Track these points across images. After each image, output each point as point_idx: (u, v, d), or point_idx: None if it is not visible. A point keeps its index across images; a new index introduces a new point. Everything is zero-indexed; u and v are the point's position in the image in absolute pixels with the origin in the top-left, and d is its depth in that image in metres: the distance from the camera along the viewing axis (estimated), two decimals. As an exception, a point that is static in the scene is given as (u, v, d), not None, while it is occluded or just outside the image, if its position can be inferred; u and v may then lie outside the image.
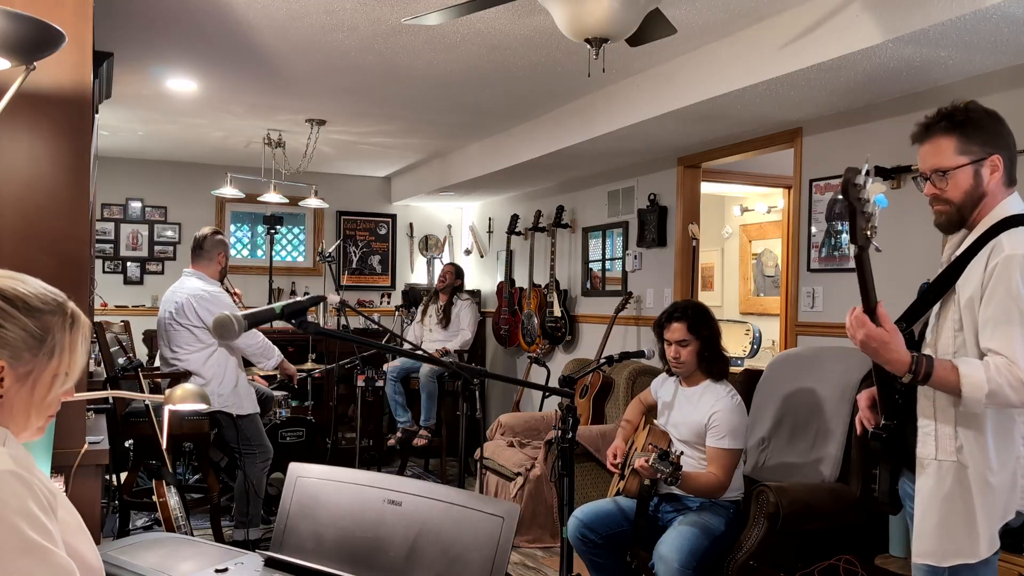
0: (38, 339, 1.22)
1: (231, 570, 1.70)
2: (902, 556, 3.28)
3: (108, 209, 6.93)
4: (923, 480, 1.95)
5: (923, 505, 1.94)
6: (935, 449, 1.92)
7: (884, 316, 1.88)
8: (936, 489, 1.91)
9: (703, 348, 3.16)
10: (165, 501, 3.27)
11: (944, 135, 1.93)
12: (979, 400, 1.81)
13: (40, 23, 1.69)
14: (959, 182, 1.92)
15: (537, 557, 4.45)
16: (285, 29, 3.59)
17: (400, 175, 7.58)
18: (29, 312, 1.21)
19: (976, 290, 1.86)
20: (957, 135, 1.92)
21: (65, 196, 2.28)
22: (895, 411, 2.04)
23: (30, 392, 1.23)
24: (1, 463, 1.11)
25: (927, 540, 1.92)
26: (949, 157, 1.92)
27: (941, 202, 1.97)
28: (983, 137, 1.91)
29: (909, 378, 1.86)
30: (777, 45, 3.32)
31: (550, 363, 6.07)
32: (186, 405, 2.74)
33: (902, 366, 1.87)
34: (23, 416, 1.24)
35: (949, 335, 1.93)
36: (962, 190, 1.92)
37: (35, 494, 1.12)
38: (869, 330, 1.88)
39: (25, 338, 1.20)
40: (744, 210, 7.27)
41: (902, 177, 3.69)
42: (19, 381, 1.21)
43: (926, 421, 1.95)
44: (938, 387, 1.88)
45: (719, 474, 3.02)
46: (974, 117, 1.93)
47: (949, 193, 1.94)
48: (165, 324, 4.24)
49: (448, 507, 1.64)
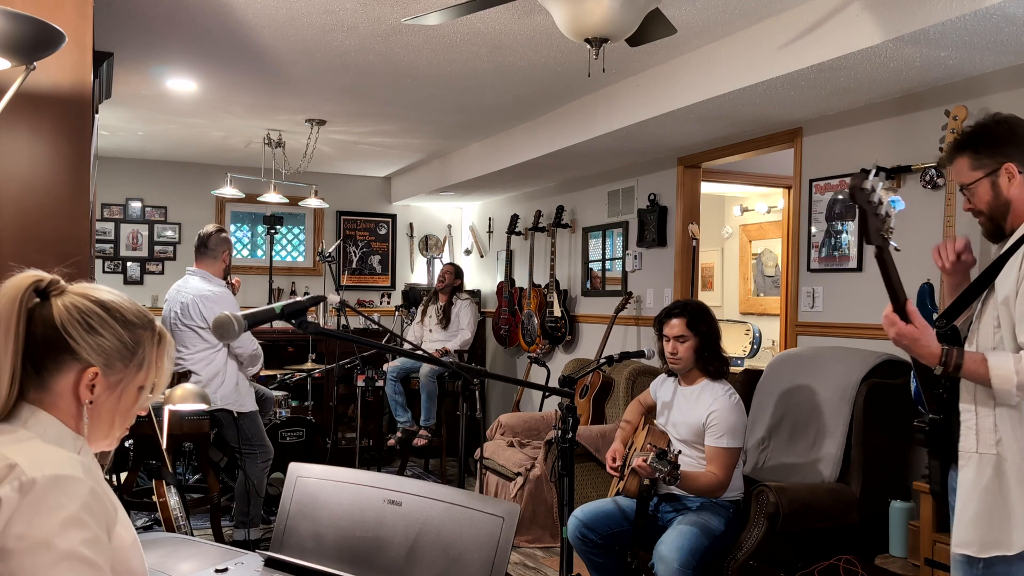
0: (131, 350, 1.27)
1: (231, 570, 1.70)
2: (902, 556, 3.28)
3: (108, 209, 6.93)
4: (964, 472, 2.01)
5: (963, 496, 2.00)
6: (976, 442, 1.99)
7: (914, 312, 1.97)
8: (976, 481, 1.97)
9: (701, 345, 3.17)
10: (165, 501, 3.27)
11: (959, 155, 2.07)
12: (1010, 392, 1.89)
13: (40, 23, 1.69)
14: (980, 195, 2.04)
15: (537, 557, 4.45)
16: (285, 29, 3.59)
17: (400, 175, 7.59)
18: (125, 324, 1.26)
19: (1012, 288, 1.94)
20: (968, 152, 2.04)
21: (65, 196, 2.28)
22: (940, 405, 2.11)
23: (117, 401, 1.27)
24: (70, 468, 1.14)
25: (966, 530, 1.98)
26: (966, 174, 2.06)
27: (977, 214, 2.09)
28: (992, 149, 2.01)
29: (940, 369, 1.95)
30: (777, 45, 3.32)
31: (550, 363, 6.07)
32: (186, 405, 2.75)
33: (933, 358, 1.95)
34: (108, 424, 1.28)
35: (988, 332, 2.01)
36: (985, 201, 2.04)
37: (93, 506, 1.14)
38: (900, 328, 1.97)
39: (120, 348, 1.25)
40: (744, 210, 7.27)
41: (902, 177, 3.69)
42: (109, 389, 1.26)
43: (968, 415, 2.02)
44: (968, 378, 1.97)
45: (719, 473, 3.02)
46: (980, 132, 2.05)
47: (977, 206, 2.07)
48: (170, 324, 4.24)
49: (448, 507, 1.64)
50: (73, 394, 1.23)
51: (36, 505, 1.09)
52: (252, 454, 4.29)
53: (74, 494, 1.12)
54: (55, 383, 1.22)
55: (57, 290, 1.24)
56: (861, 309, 3.88)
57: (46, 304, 1.22)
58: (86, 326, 1.23)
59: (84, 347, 1.22)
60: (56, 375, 1.22)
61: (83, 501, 1.12)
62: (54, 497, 1.10)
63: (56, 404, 1.22)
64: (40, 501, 1.09)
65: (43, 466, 1.12)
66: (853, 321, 3.92)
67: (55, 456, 1.16)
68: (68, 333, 1.21)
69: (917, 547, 3.15)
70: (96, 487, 1.16)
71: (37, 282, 1.22)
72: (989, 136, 2.03)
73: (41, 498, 1.10)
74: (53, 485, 1.11)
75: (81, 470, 1.16)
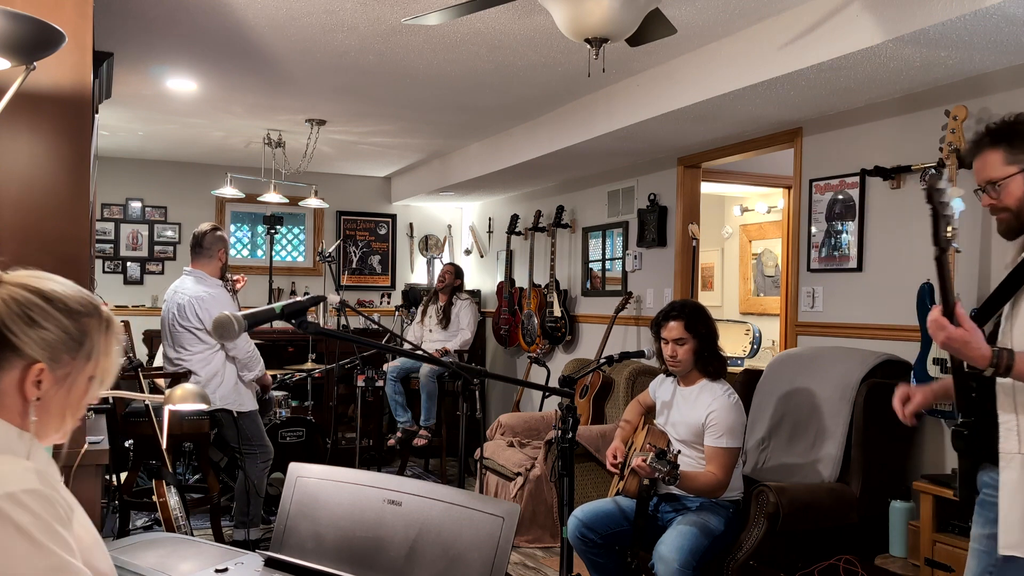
0: (77, 341, 1.21)
1: (231, 570, 1.70)
2: (902, 556, 3.28)
3: (108, 209, 6.93)
4: (1008, 474, 1.99)
5: (1008, 498, 1.99)
6: (1019, 443, 1.97)
7: (962, 315, 1.95)
8: (1020, 482, 1.96)
9: (700, 347, 3.17)
10: (165, 501, 3.27)
11: (991, 149, 2.03)
12: None
13: (40, 23, 1.69)
14: (1012, 191, 2.01)
15: (537, 557, 4.45)
16: (285, 29, 3.59)
17: (400, 175, 7.59)
18: (69, 314, 1.20)
19: None
20: (1004, 147, 2.01)
21: (65, 196, 2.28)
22: (972, 407, 2.09)
23: (67, 394, 1.22)
24: (27, 482, 1.09)
25: (1013, 532, 1.96)
26: (998, 168, 2.02)
27: (999, 211, 2.06)
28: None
29: (992, 371, 1.93)
30: (777, 45, 3.32)
31: (550, 363, 6.07)
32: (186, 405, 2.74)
33: (984, 360, 1.93)
34: (58, 418, 1.23)
35: (1021, 332, 2.00)
36: (1016, 197, 2.01)
37: (57, 512, 1.10)
38: (949, 332, 1.94)
39: (65, 340, 1.19)
40: (744, 210, 7.27)
41: (902, 177, 3.69)
42: (57, 383, 1.20)
43: (1007, 416, 2.00)
44: (1019, 378, 1.95)
45: (718, 473, 3.02)
46: (1017, 128, 2.01)
47: (1005, 202, 2.03)
48: (168, 325, 4.24)
49: (448, 507, 1.64)
50: (18, 391, 1.17)
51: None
52: (252, 454, 4.29)
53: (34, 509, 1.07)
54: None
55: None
56: (861, 309, 3.89)
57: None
58: (27, 319, 1.16)
59: (27, 342, 1.16)
60: (0, 374, 1.16)
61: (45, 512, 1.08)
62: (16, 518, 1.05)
63: (2, 404, 1.17)
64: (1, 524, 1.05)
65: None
66: (853, 321, 3.92)
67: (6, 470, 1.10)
68: (8, 328, 1.15)
69: (917, 547, 3.16)
70: (52, 494, 1.11)
71: None
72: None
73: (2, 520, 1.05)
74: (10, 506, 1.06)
75: (36, 479, 1.10)
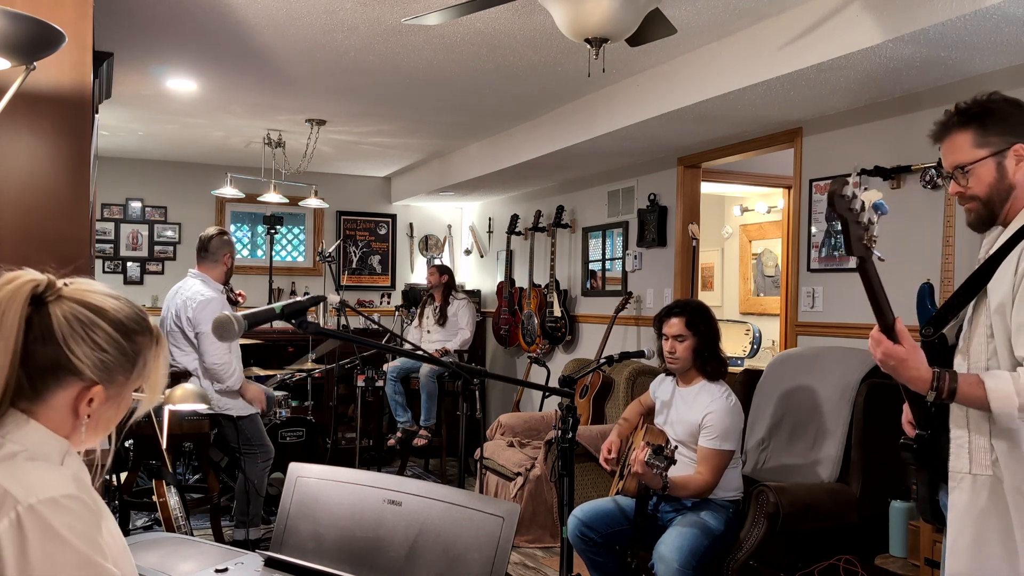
0: (131, 361, 1.21)
1: (231, 570, 1.70)
2: (902, 556, 3.28)
3: (108, 209, 6.93)
4: (957, 495, 1.82)
5: (957, 522, 1.82)
6: (969, 462, 1.80)
7: (902, 333, 1.76)
8: (971, 505, 1.79)
9: (699, 345, 3.17)
10: (165, 501, 3.27)
11: (960, 130, 1.83)
12: (1011, 415, 1.69)
13: (40, 23, 1.69)
14: (981, 176, 1.81)
15: (537, 557, 4.45)
16: (285, 29, 3.59)
17: (400, 175, 7.58)
18: (126, 334, 1.20)
19: (1007, 294, 1.74)
20: (973, 128, 1.81)
21: (65, 196, 2.28)
22: (928, 421, 1.92)
23: (115, 411, 1.23)
24: (66, 487, 1.09)
25: (961, 559, 1.80)
26: (967, 152, 1.82)
27: (967, 199, 1.86)
28: (1003, 127, 1.80)
29: (932, 396, 1.74)
30: (777, 45, 3.32)
31: (550, 363, 6.07)
32: (186, 405, 2.75)
33: (924, 383, 1.74)
34: (103, 431, 1.23)
35: (981, 341, 1.81)
36: (986, 184, 1.81)
37: (93, 517, 1.11)
38: (886, 347, 1.76)
39: (122, 361, 1.19)
40: (744, 210, 7.27)
41: (902, 177, 3.69)
42: (108, 401, 1.20)
43: (959, 432, 1.83)
44: (965, 403, 1.76)
45: (706, 475, 3.02)
46: (991, 107, 1.82)
47: (973, 189, 1.83)
48: (168, 325, 4.24)
49: (448, 507, 1.64)
50: (71, 409, 1.17)
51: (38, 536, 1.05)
52: (252, 454, 4.29)
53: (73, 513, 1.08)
54: (52, 397, 1.16)
55: (54, 295, 1.16)
56: (861, 309, 3.88)
57: (43, 312, 1.14)
58: (91, 343, 1.16)
59: (87, 365, 1.15)
60: (56, 390, 1.15)
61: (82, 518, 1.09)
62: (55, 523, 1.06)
63: (48, 416, 1.16)
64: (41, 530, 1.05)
65: (35, 490, 1.07)
66: (853, 321, 3.92)
67: (43, 476, 1.11)
68: (71, 350, 1.14)
69: (917, 547, 3.15)
70: (88, 499, 1.12)
71: (34, 287, 1.14)
72: (999, 112, 1.80)
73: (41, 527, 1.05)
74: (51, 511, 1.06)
75: (73, 485, 1.11)
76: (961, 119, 1.83)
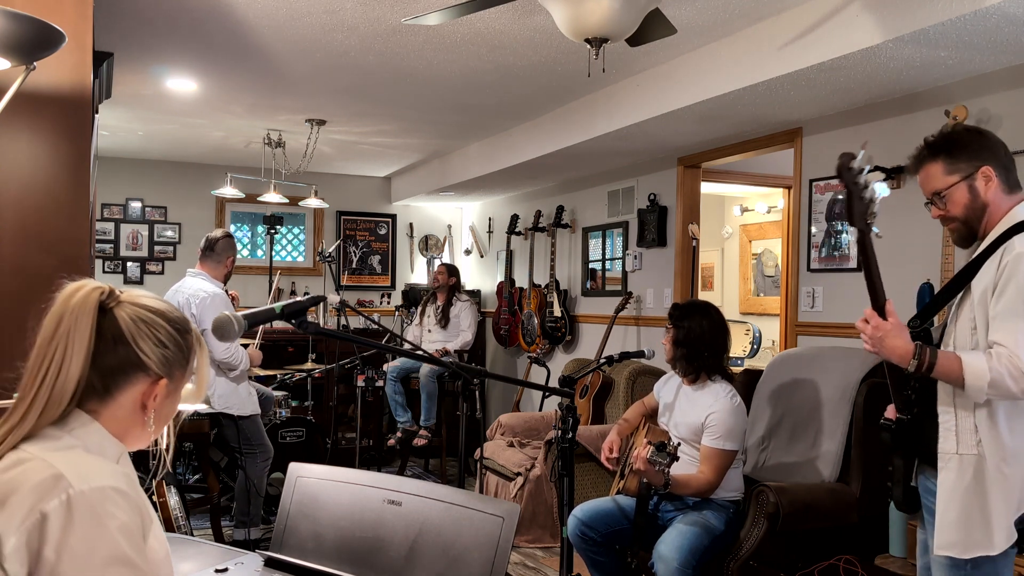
0: (187, 357, 1.30)
1: (231, 570, 1.70)
2: (902, 556, 3.28)
3: (108, 209, 6.93)
4: (945, 474, 2.00)
5: (945, 498, 1.99)
6: (956, 443, 1.99)
7: (891, 312, 2.00)
8: (957, 482, 1.97)
9: (679, 338, 3.18)
10: (165, 501, 3.27)
11: (931, 161, 2.07)
12: (981, 388, 1.89)
13: (40, 23, 1.69)
14: (956, 199, 2.05)
15: (537, 557, 4.45)
16: (285, 29, 3.59)
17: (400, 175, 7.59)
18: (180, 332, 1.29)
19: (989, 288, 1.95)
20: (943, 158, 2.05)
21: (65, 196, 2.28)
22: (908, 405, 2.11)
23: (173, 405, 1.32)
24: (114, 480, 1.15)
25: (948, 532, 1.98)
26: (940, 179, 2.06)
27: (948, 220, 2.09)
28: (968, 153, 2.03)
29: (914, 365, 1.95)
30: (777, 45, 3.32)
31: (550, 363, 6.07)
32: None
33: (907, 354, 1.96)
34: (163, 424, 1.32)
35: (966, 334, 2.01)
36: (961, 205, 2.04)
37: (139, 518, 1.16)
38: (876, 321, 2.00)
39: (179, 357, 1.28)
40: (744, 210, 7.27)
41: (902, 177, 3.69)
42: (168, 396, 1.29)
43: (947, 416, 2.02)
44: (941, 377, 1.96)
45: (709, 474, 3.02)
46: (954, 138, 2.07)
47: (952, 211, 2.06)
48: None
49: (448, 507, 1.64)
50: (139, 404, 1.25)
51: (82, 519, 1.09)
52: (252, 454, 4.29)
53: (120, 506, 1.13)
54: (121, 394, 1.23)
55: (115, 301, 1.24)
56: (861, 309, 3.86)
57: (110, 316, 1.22)
58: (156, 340, 1.24)
59: (154, 360, 1.24)
60: (126, 387, 1.23)
61: (127, 513, 1.13)
62: (100, 511, 1.11)
63: (115, 414, 1.23)
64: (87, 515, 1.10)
65: (88, 478, 1.13)
66: (853, 321, 3.90)
67: (98, 467, 1.16)
68: (140, 348, 1.23)
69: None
70: (137, 499, 1.17)
71: (100, 294, 1.22)
72: (962, 141, 2.05)
73: (88, 511, 1.10)
74: (99, 498, 1.11)
75: (124, 481, 1.17)
76: (931, 151, 2.08)
